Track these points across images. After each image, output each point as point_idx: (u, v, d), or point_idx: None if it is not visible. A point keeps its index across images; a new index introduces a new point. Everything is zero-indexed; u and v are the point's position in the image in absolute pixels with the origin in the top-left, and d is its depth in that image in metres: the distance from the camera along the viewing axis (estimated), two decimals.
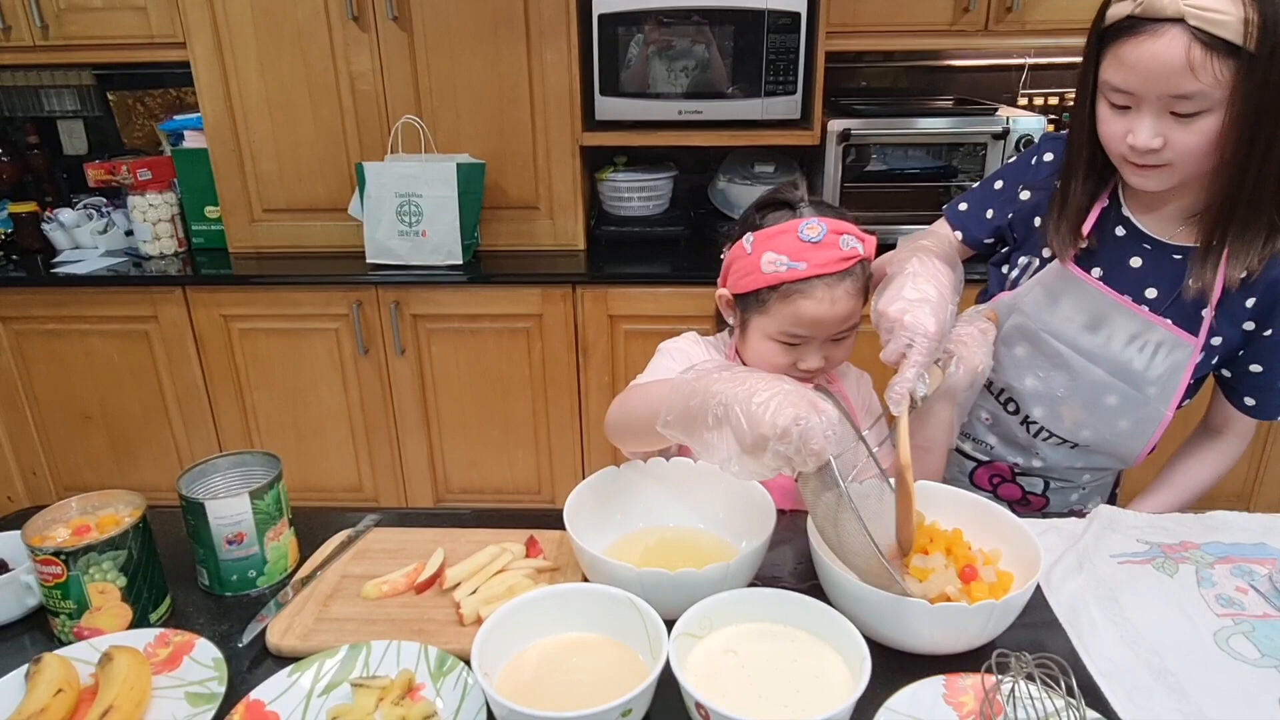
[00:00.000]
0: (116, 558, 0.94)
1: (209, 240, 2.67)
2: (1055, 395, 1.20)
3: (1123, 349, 1.15)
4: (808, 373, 1.14)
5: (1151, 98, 0.96)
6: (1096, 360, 1.16)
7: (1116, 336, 1.15)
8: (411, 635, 0.94)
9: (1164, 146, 0.98)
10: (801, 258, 1.06)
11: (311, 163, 2.53)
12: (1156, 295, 1.13)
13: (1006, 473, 1.34)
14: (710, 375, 0.91)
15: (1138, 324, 1.13)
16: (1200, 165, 1.00)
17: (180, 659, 0.92)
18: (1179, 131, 0.97)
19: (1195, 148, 0.97)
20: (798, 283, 1.06)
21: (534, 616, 0.89)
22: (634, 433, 1.08)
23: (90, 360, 2.54)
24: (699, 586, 0.90)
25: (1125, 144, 1.01)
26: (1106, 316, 1.14)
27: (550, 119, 2.45)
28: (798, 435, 0.81)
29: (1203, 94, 0.93)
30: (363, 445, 2.61)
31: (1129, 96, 0.98)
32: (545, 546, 1.08)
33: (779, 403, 0.83)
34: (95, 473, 2.67)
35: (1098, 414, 1.19)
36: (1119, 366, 1.15)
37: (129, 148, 2.94)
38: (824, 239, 1.06)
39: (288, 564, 1.08)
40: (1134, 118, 0.99)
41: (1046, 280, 1.19)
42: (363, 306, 2.44)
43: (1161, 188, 1.05)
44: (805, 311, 1.07)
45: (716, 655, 0.85)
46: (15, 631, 1.00)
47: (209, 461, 1.09)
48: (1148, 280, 1.13)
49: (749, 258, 1.10)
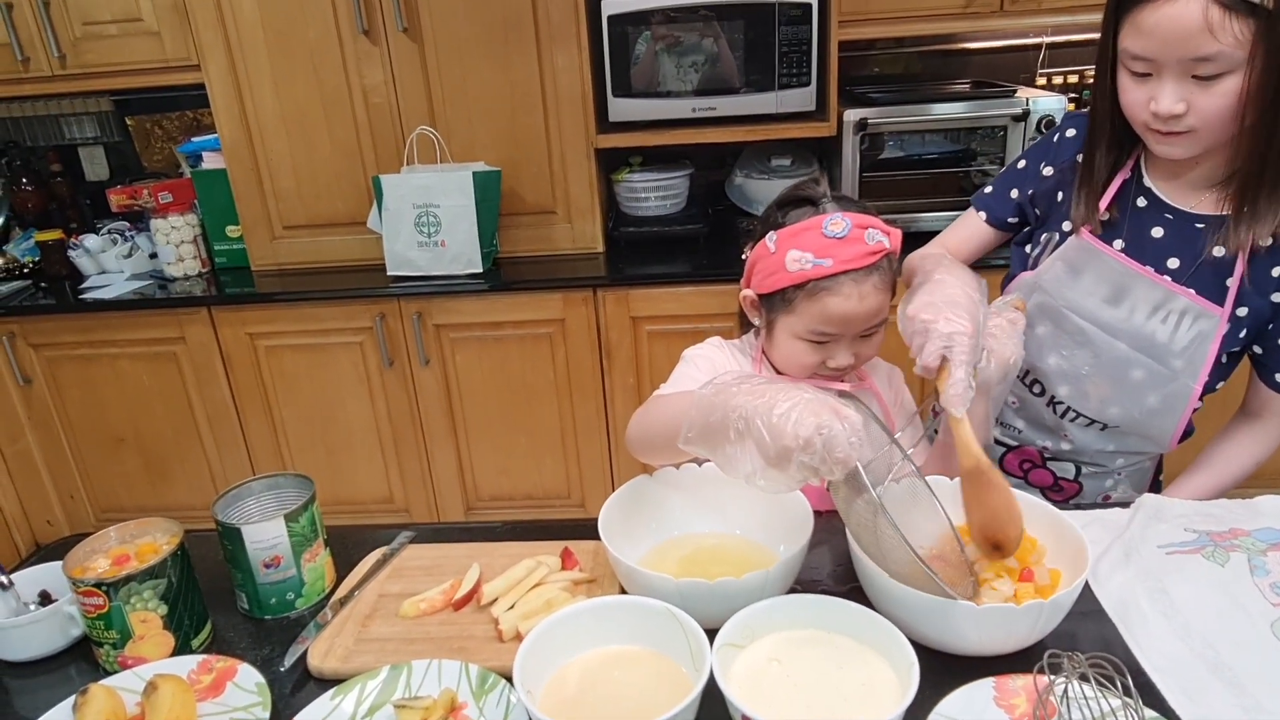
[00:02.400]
0: (157, 586, 0.94)
1: (231, 259, 2.69)
2: (1080, 373, 1.18)
3: (1145, 321, 1.13)
4: (837, 370, 1.12)
5: (1172, 62, 0.96)
6: (1119, 335, 1.14)
7: (1139, 309, 1.13)
8: (451, 653, 0.94)
9: (1187, 112, 0.97)
10: (827, 254, 1.04)
11: (329, 178, 2.54)
12: (1179, 265, 1.11)
13: (1036, 457, 1.31)
14: (729, 389, 0.88)
15: (1160, 294, 1.11)
16: (1224, 130, 0.99)
17: (224, 685, 0.92)
18: (1201, 95, 0.96)
19: (1219, 111, 0.96)
20: (824, 280, 1.05)
21: (574, 631, 0.88)
22: (655, 448, 1.07)
23: (121, 383, 2.57)
24: (738, 595, 0.89)
25: (1148, 111, 1.00)
26: (1128, 288, 1.13)
27: (564, 123, 2.44)
28: (821, 444, 0.79)
29: (1223, 55, 0.92)
30: (392, 457, 2.62)
31: (1149, 63, 0.98)
32: (580, 558, 1.08)
33: (800, 412, 0.81)
34: (131, 495, 2.71)
35: (1124, 389, 1.17)
36: (1143, 340, 1.13)
37: (149, 171, 2.97)
38: (849, 234, 1.04)
39: (325, 584, 1.08)
40: (1155, 84, 0.98)
41: (1068, 255, 1.17)
42: (386, 319, 2.45)
43: (1187, 154, 1.03)
44: (833, 309, 1.06)
45: (760, 665, 0.84)
46: (61, 662, 1.01)
47: (243, 485, 1.09)
48: (1170, 250, 1.12)
49: (773, 257, 1.09)
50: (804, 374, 1.13)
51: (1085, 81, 2.65)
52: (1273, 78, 0.93)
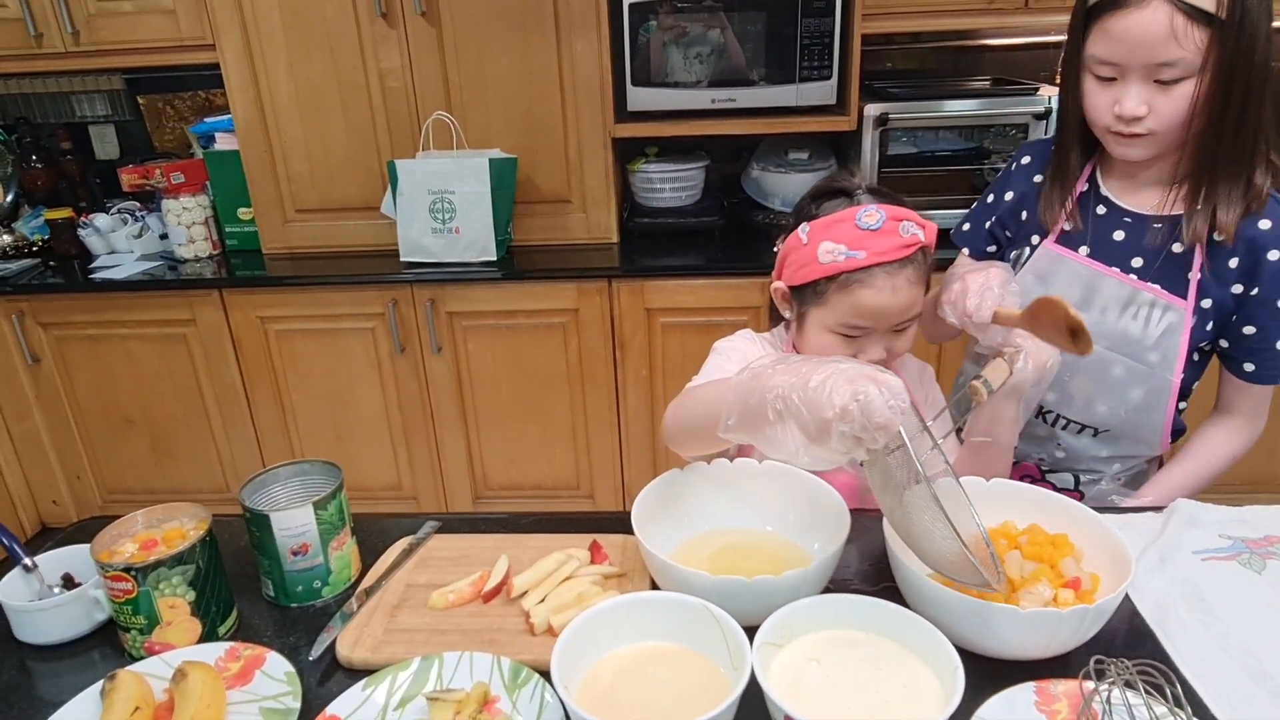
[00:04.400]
0: (185, 572, 0.93)
1: (243, 242, 2.67)
2: (1061, 376, 1.19)
3: (1117, 320, 1.17)
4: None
5: (1137, 67, 1.02)
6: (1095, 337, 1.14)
7: (1110, 308, 1.17)
8: (482, 646, 0.93)
9: (1149, 114, 1.04)
10: (860, 246, 1.03)
11: (343, 162, 2.53)
12: (1142, 264, 1.16)
13: (1035, 472, 1.33)
14: (765, 371, 0.87)
15: (1127, 292, 1.16)
16: (1178, 132, 1.05)
17: (252, 673, 0.91)
18: (1162, 99, 1.02)
19: (1177, 114, 1.03)
20: (857, 272, 1.04)
21: (608, 626, 0.87)
22: (694, 438, 1.04)
23: (130, 364, 2.55)
24: (775, 594, 0.88)
25: (1111, 114, 1.06)
26: (1097, 289, 1.17)
27: (581, 111, 2.42)
28: (859, 410, 0.77)
29: (1184, 61, 1.00)
30: (401, 444, 2.61)
31: (1115, 68, 1.04)
32: (609, 551, 1.06)
33: (835, 382, 0.79)
34: (138, 476, 2.70)
35: (1106, 386, 1.20)
36: (1117, 337, 1.17)
37: (160, 151, 2.95)
38: (883, 226, 1.04)
39: (351, 573, 1.07)
40: (1120, 88, 1.04)
41: (1037, 266, 1.22)
42: (398, 305, 2.43)
43: (1144, 157, 1.09)
44: (866, 302, 1.05)
45: (799, 665, 0.83)
46: (85, 646, 0.99)
47: (269, 471, 1.08)
48: (1132, 251, 1.16)
49: (805, 248, 1.08)
50: None
51: None
52: (1225, 82, 1.00)
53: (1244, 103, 1.02)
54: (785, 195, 2.57)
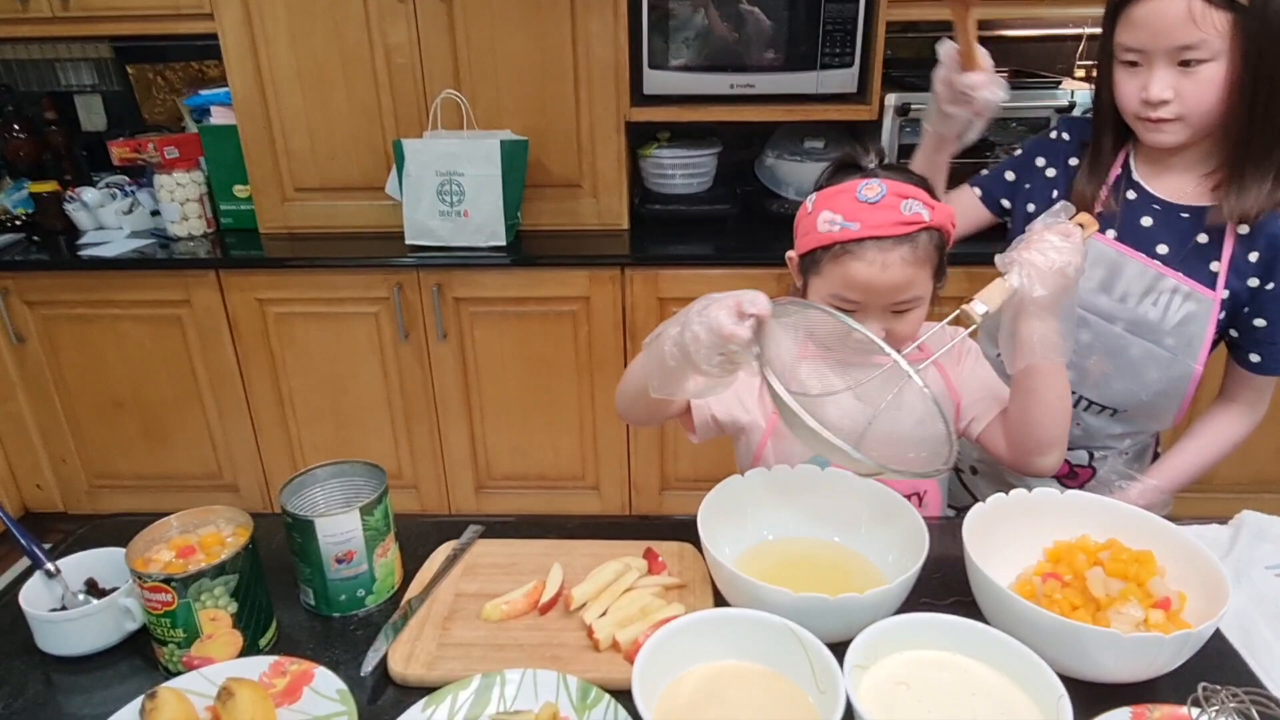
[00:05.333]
0: (228, 582, 0.87)
1: (238, 220, 2.58)
2: (1078, 353, 1.21)
3: (1137, 304, 1.18)
4: None
5: (1160, 52, 1.05)
6: (1115, 319, 1.20)
7: (1131, 292, 1.18)
8: (544, 662, 0.88)
9: (1174, 98, 1.06)
10: (856, 218, 1.02)
11: (345, 140, 2.44)
12: (1168, 251, 1.17)
13: None
14: (665, 327, 0.93)
15: (1150, 277, 1.17)
16: (1207, 117, 1.07)
17: (299, 690, 0.86)
18: (1187, 83, 1.05)
19: (1203, 96, 1.05)
20: (850, 243, 1.03)
21: (684, 644, 0.83)
22: (635, 406, 1.12)
23: (121, 346, 2.46)
24: (858, 612, 0.84)
25: (1139, 100, 1.08)
26: (1120, 272, 1.18)
27: (595, 93, 2.36)
28: (705, 331, 0.86)
29: (1205, 43, 1.02)
30: (403, 432, 2.54)
31: (1140, 54, 1.07)
32: (665, 559, 1.02)
33: (692, 315, 0.89)
34: (128, 461, 2.61)
35: (1123, 364, 1.21)
36: (1135, 320, 1.19)
37: (150, 124, 2.84)
38: (882, 200, 1.02)
39: (395, 581, 1.02)
40: (1145, 73, 1.07)
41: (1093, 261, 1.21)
42: (404, 290, 2.36)
43: (1174, 142, 1.10)
44: (855, 274, 1.03)
45: (887, 688, 0.79)
46: (114, 657, 0.93)
47: (308, 472, 1.02)
48: (1158, 238, 1.17)
49: (809, 217, 1.07)
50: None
51: None
52: (1250, 65, 1.02)
53: (1272, 89, 1.03)
54: (800, 184, 2.53)
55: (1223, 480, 2.47)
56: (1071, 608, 0.88)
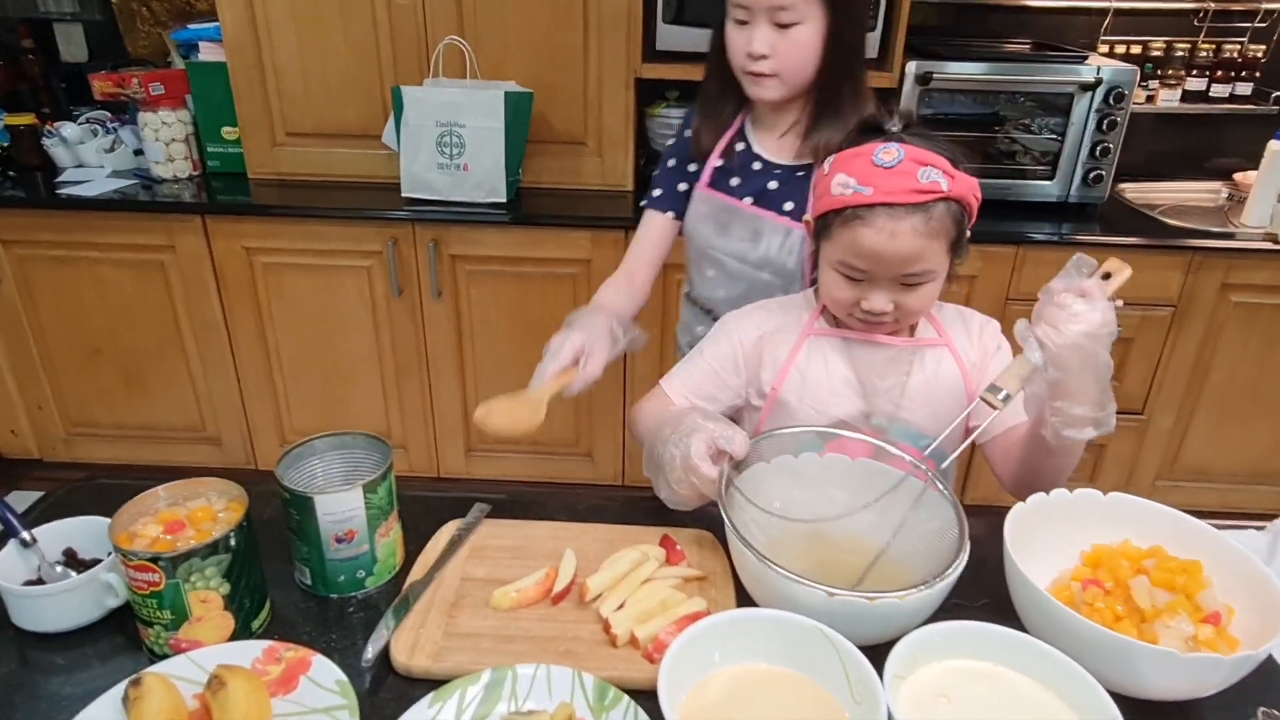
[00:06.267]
0: (220, 562, 0.81)
1: (225, 163, 2.47)
2: (742, 300, 1.30)
3: (778, 253, 1.29)
4: (870, 314, 1.04)
5: (760, 10, 1.17)
6: (764, 267, 1.31)
7: (773, 244, 1.29)
8: (558, 657, 0.83)
9: (772, 55, 1.17)
10: (869, 182, 0.98)
11: (341, 84, 2.33)
12: (793, 207, 1.28)
13: None
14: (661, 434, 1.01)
15: (782, 232, 1.28)
16: (801, 74, 1.20)
17: (295, 679, 0.81)
18: (783, 41, 1.17)
19: (795, 55, 1.18)
20: (861, 208, 0.99)
21: (710, 644, 0.78)
22: None
23: (101, 290, 2.36)
24: (895, 617, 0.80)
25: (744, 55, 1.19)
26: (761, 230, 1.30)
27: (604, 46, 2.25)
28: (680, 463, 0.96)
29: (795, 7, 1.15)
30: (393, 391, 2.47)
31: (745, 11, 1.18)
32: (683, 548, 0.97)
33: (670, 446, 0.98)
34: (106, 410, 2.52)
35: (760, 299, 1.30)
36: (778, 268, 1.30)
37: (133, 57, 2.70)
38: (898, 165, 0.97)
39: (396, 562, 0.96)
40: (750, 30, 1.18)
41: (713, 213, 1.34)
42: (399, 245, 2.27)
43: (773, 97, 1.22)
44: (863, 241, 0.99)
45: (926, 700, 0.75)
46: (94, 635, 0.87)
47: (305, 444, 0.96)
48: (785, 197, 1.29)
49: (825, 179, 1.04)
50: (841, 310, 1.09)
51: (1150, 52, 2.54)
52: (834, 32, 1.17)
53: (849, 53, 1.20)
54: None
55: (1220, 471, 2.46)
56: (1115, 618, 0.84)
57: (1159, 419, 2.38)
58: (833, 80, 1.21)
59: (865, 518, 0.96)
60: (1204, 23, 2.52)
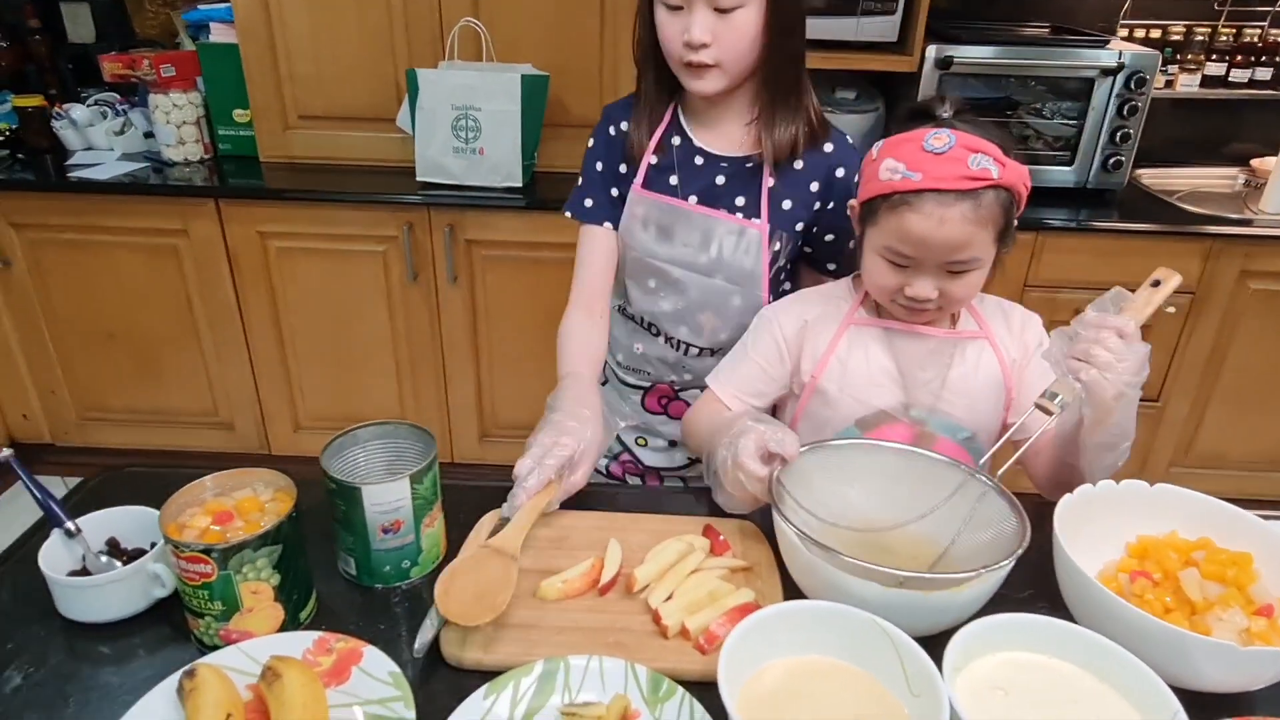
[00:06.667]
0: (272, 554, 0.81)
1: (237, 146, 2.45)
2: (690, 311, 1.26)
3: (732, 255, 1.22)
4: (915, 301, 1.03)
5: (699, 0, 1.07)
6: (715, 272, 1.23)
7: (725, 246, 1.22)
8: (608, 648, 0.83)
9: (713, 42, 1.07)
10: (918, 168, 0.98)
11: (354, 66, 2.31)
12: (745, 202, 1.21)
13: (669, 392, 1.35)
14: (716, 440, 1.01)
15: (736, 230, 1.21)
16: (743, 62, 1.11)
17: (347, 670, 0.80)
18: (724, 26, 1.07)
19: (738, 41, 1.08)
20: (909, 194, 0.98)
21: (764, 636, 0.78)
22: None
23: (114, 274, 2.34)
24: (950, 610, 0.79)
25: (681, 43, 1.09)
26: (711, 231, 1.22)
27: (621, 29, 2.23)
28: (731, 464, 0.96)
29: None
30: (407, 376, 2.46)
31: None
32: (727, 538, 0.97)
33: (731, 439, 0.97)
34: (119, 394, 2.51)
35: (727, 315, 1.25)
36: (734, 271, 1.23)
37: (142, 38, 2.67)
38: (949, 151, 0.97)
39: (440, 552, 0.96)
40: (686, 16, 1.08)
41: (655, 217, 1.23)
42: (414, 229, 2.25)
43: (714, 89, 1.12)
44: (910, 227, 0.98)
45: (982, 693, 0.75)
46: (140, 624, 0.87)
47: (348, 433, 0.95)
48: (734, 192, 1.21)
49: (872, 164, 1.04)
50: (884, 297, 1.08)
51: (1169, 37, 2.52)
52: (775, 14, 1.08)
53: (791, 35, 1.11)
54: None
55: (1234, 459, 2.46)
56: (1164, 610, 0.84)
57: (1175, 406, 2.38)
58: (779, 65, 1.12)
59: (924, 522, 0.96)
60: (1225, 6, 2.50)
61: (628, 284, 1.30)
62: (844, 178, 1.21)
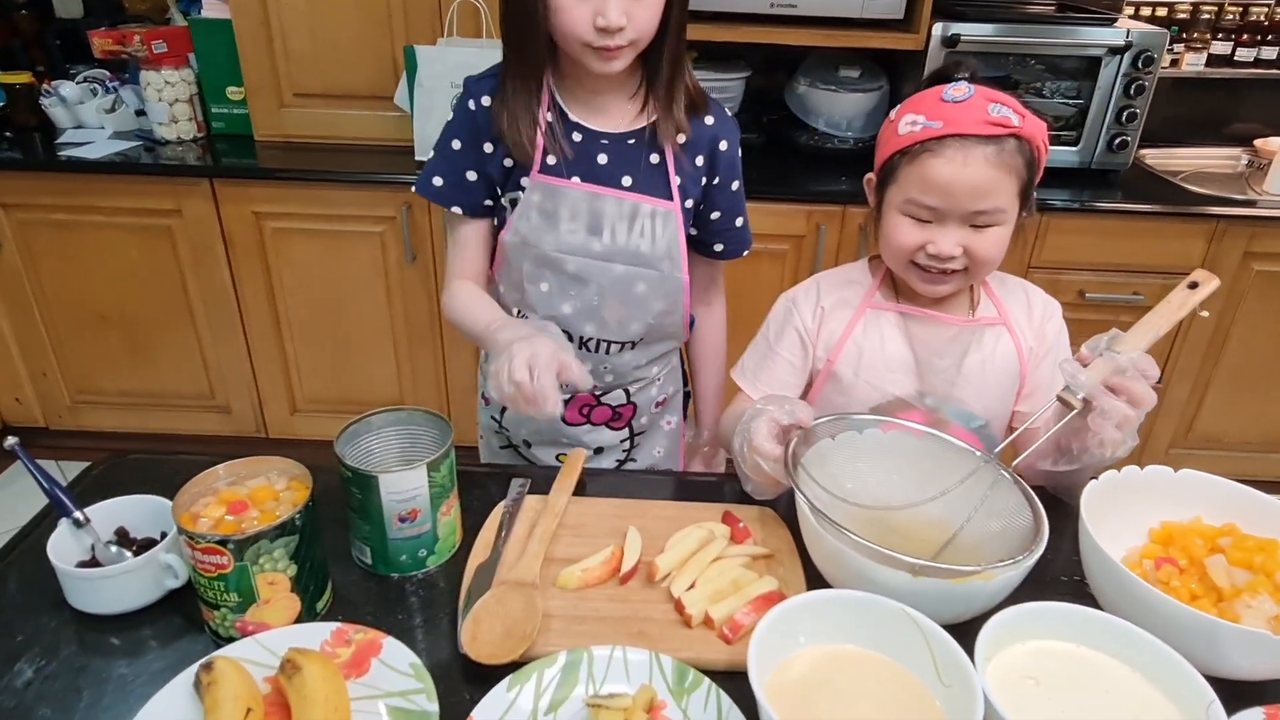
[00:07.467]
0: (288, 544, 0.79)
1: (231, 125, 2.40)
2: (593, 306, 1.19)
3: (627, 238, 1.16)
4: (937, 259, 1.02)
5: None
6: (614, 258, 1.17)
7: (618, 228, 1.16)
8: (632, 638, 0.82)
9: (628, 24, 1.02)
10: (939, 116, 0.98)
11: (351, 42, 2.26)
12: (632, 181, 1.15)
13: (591, 400, 1.30)
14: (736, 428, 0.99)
15: (628, 208, 1.15)
16: (649, 37, 1.06)
17: (367, 662, 0.79)
18: (638, 7, 1.02)
19: (651, 17, 1.03)
20: (930, 141, 0.97)
21: (791, 625, 0.77)
22: None
23: (106, 255, 2.30)
24: (978, 598, 0.78)
25: (591, 27, 1.01)
26: (600, 213, 1.15)
27: None
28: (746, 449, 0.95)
29: None
30: (405, 358, 2.44)
31: None
32: (747, 525, 0.95)
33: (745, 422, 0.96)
34: (112, 377, 2.48)
35: (633, 304, 1.20)
36: (631, 255, 1.17)
37: (131, 14, 2.60)
38: (969, 99, 0.97)
39: (456, 540, 0.95)
40: (600, 1, 1.00)
41: (537, 202, 1.15)
42: (412, 210, 2.22)
43: (622, 68, 1.07)
44: (933, 172, 0.98)
45: (1013, 683, 0.74)
46: (152, 615, 0.85)
47: (362, 420, 0.93)
48: (619, 170, 1.15)
49: (890, 126, 1.04)
50: (904, 258, 1.05)
51: (1175, 15, 2.50)
52: None
53: (685, 4, 1.08)
54: (831, 116, 2.40)
55: (1233, 439, 2.47)
56: (1191, 596, 0.84)
57: (1175, 388, 2.38)
58: (674, 38, 1.08)
59: (935, 504, 0.95)
60: None
61: (526, 289, 1.19)
62: (727, 151, 1.18)
